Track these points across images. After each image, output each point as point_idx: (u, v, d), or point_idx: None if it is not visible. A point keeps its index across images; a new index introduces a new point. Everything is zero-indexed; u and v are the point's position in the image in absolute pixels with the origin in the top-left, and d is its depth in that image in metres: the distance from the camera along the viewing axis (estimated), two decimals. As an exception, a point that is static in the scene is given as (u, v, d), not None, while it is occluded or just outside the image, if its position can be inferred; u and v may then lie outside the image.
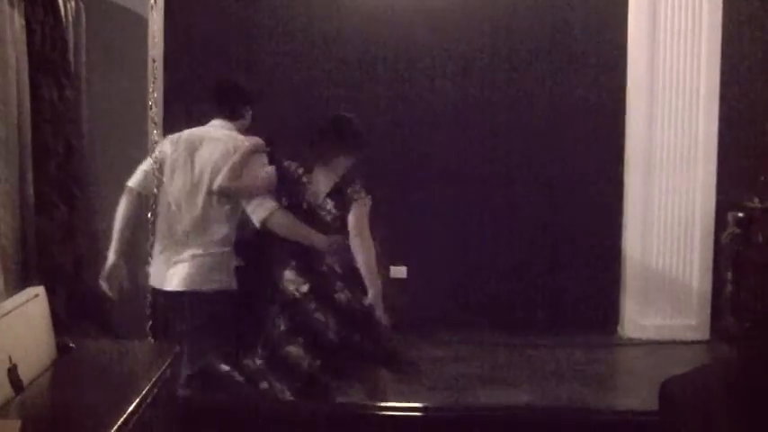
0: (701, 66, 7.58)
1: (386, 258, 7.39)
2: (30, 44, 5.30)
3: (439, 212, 7.71)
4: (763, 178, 7.43)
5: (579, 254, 7.90)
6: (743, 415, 2.21)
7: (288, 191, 4.81)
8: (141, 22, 6.67)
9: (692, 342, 7.56)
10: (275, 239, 4.82)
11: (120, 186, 6.18)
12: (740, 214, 7.46)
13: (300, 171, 4.81)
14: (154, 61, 6.18)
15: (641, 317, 7.79)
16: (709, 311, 7.70)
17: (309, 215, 4.77)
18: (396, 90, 7.73)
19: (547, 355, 7.31)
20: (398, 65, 7.79)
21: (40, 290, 2.06)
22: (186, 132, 5.15)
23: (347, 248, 4.66)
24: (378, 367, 4.79)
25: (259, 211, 4.76)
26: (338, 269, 4.71)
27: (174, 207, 5.04)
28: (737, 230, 7.46)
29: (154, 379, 1.94)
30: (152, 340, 4.96)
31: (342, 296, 4.68)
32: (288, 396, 4.36)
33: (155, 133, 5.94)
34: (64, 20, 5.64)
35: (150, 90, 5.89)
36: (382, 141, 7.58)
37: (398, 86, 7.75)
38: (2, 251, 5.15)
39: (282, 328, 4.66)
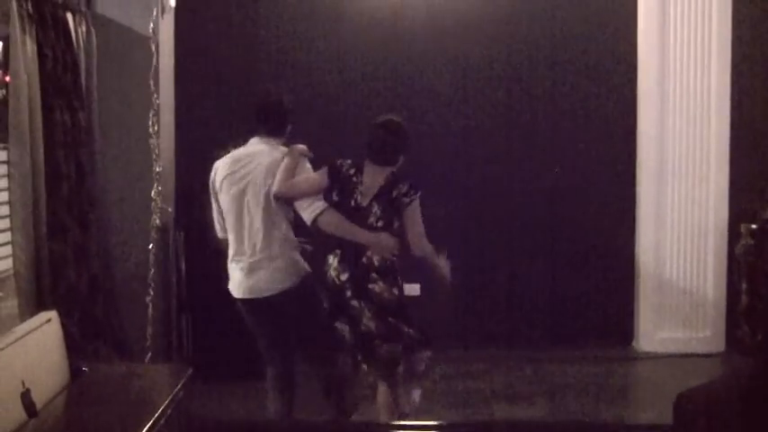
0: (711, 73, 7.55)
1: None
2: (42, 68, 5.34)
3: (449, 227, 7.69)
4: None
5: (593, 267, 7.88)
6: (758, 426, 2.21)
7: (339, 189, 5.12)
8: (149, 44, 6.72)
9: (708, 354, 7.53)
10: None
11: (132, 206, 6.25)
12: (753, 225, 7.43)
13: (352, 171, 5.13)
14: (155, 93, 6.26)
15: (656, 330, 7.76)
16: (724, 323, 7.67)
17: (357, 214, 5.08)
18: (402, 101, 7.71)
19: (561, 369, 7.29)
20: (403, 74, 7.78)
21: (53, 314, 2.08)
22: (232, 152, 5.41)
23: (391, 246, 5.08)
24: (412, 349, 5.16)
25: (309, 210, 5.08)
26: (376, 262, 5.05)
27: (233, 220, 5.30)
28: (751, 241, 7.43)
29: (167, 400, 1.94)
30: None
31: (375, 287, 5.04)
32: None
33: (157, 163, 6.01)
34: (75, 43, 5.67)
35: (150, 123, 5.97)
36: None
37: (403, 98, 7.73)
38: (16, 275, 5.18)
39: (326, 306, 5.16)
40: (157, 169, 6.45)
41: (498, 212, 7.81)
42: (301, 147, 5.28)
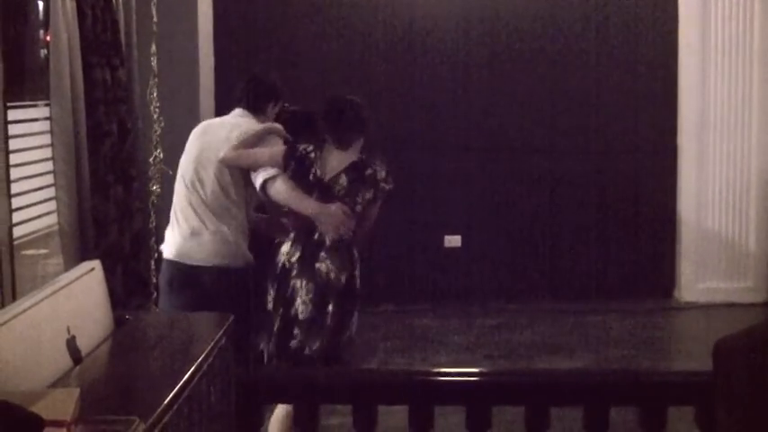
0: (754, 24, 7.46)
1: (440, 228, 7.52)
2: (81, 26, 5.38)
3: (492, 182, 7.70)
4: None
5: (634, 219, 7.86)
6: None
7: (295, 167, 4.71)
8: (190, 3, 6.75)
9: (750, 304, 7.49)
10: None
11: (173, 166, 6.26)
12: (796, 174, 7.37)
13: (310, 148, 4.73)
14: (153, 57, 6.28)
15: (698, 280, 7.73)
16: (766, 273, 7.62)
17: (317, 188, 4.67)
18: (440, 54, 7.70)
19: (603, 321, 7.30)
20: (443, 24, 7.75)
21: (96, 263, 2.11)
22: (211, 119, 5.35)
23: (340, 219, 4.61)
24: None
25: (261, 175, 4.69)
26: (327, 241, 4.61)
27: (186, 184, 4.92)
28: (793, 191, 7.38)
29: (208, 348, 1.98)
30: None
31: (321, 266, 4.60)
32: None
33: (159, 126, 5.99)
34: (114, 1, 5.71)
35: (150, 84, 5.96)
36: (431, 110, 7.61)
37: (443, 49, 7.72)
38: (61, 231, 5.26)
39: (271, 295, 4.69)
40: (158, 132, 6.39)
41: (541, 167, 7.77)
42: (277, 126, 4.97)
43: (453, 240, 7.64)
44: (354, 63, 7.59)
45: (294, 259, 4.62)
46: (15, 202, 4.77)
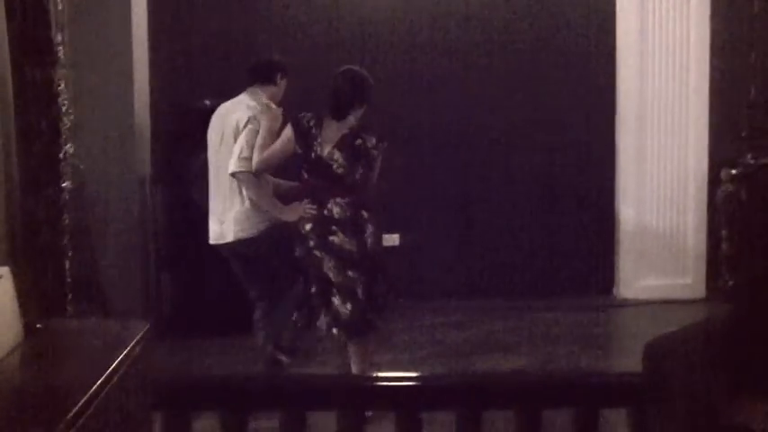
0: (690, 21, 7.53)
1: (379, 226, 7.45)
2: (10, 24, 5.26)
3: (431, 177, 7.67)
4: (744, 133, 7.40)
5: (573, 215, 7.89)
6: (731, 373, 2.17)
7: (300, 142, 5.07)
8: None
9: (689, 301, 7.54)
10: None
11: (107, 162, 6.19)
12: (733, 171, 7.41)
13: (312, 122, 5.07)
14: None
15: (637, 277, 7.79)
16: (705, 270, 7.68)
17: (319, 166, 5.04)
18: (393, 53, 7.66)
19: (543, 318, 7.31)
20: (397, 27, 7.70)
21: (4, 270, 2.04)
22: (223, 104, 5.67)
23: (321, 220, 5.06)
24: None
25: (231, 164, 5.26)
26: (336, 215, 5.03)
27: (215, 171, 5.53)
28: (731, 188, 7.42)
29: (120, 358, 1.92)
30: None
31: (335, 239, 5.02)
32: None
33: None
34: (44, -2, 5.59)
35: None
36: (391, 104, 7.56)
37: (394, 48, 7.68)
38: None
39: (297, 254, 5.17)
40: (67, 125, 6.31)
41: (477, 165, 7.77)
42: (274, 111, 5.39)
43: (391, 239, 7.59)
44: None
45: (308, 228, 5.08)
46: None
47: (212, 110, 6.56)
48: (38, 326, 2.12)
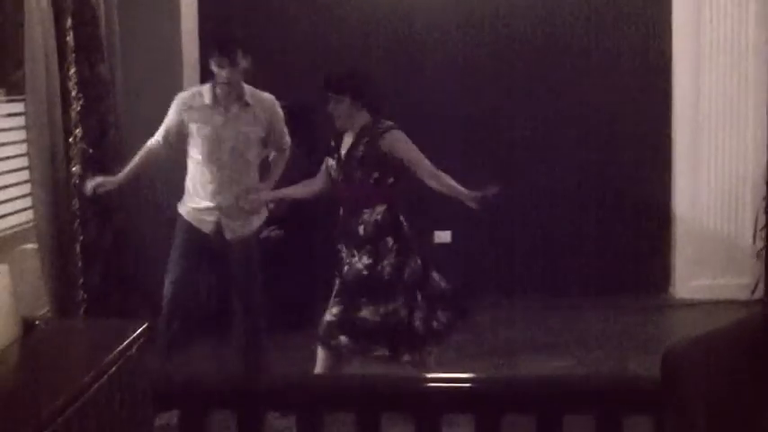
0: (749, 15, 7.35)
1: (430, 223, 7.41)
2: (58, 21, 5.33)
3: (482, 177, 7.59)
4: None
5: (629, 215, 7.77)
6: (759, 384, 2.03)
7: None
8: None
9: (746, 301, 7.39)
10: None
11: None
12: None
13: (333, 144, 5.07)
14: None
15: (693, 277, 7.65)
16: (762, 269, 7.52)
17: (342, 170, 5.00)
18: (435, 44, 7.61)
19: (597, 318, 7.20)
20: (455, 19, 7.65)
21: (2, 268, 2.06)
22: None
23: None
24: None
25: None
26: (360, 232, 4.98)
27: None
28: (788, 188, 7.27)
29: (108, 358, 1.92)
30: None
31: (359, 229, 4.97)
32: None
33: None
34: (93, -5, 5.66)
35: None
36: (421, 102, 7.51)
37: (437, 38, 7.63)
38: (37, 228, 5.22)
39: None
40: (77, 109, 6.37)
41: (531, 163, 7.69)
42: None
43: (443, 236, 7.56)
44: (346, 49, 7.48)
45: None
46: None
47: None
48: (37, 323, 2.14)
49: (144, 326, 2.04)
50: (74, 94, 5.44)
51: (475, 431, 2.57)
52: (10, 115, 5.34)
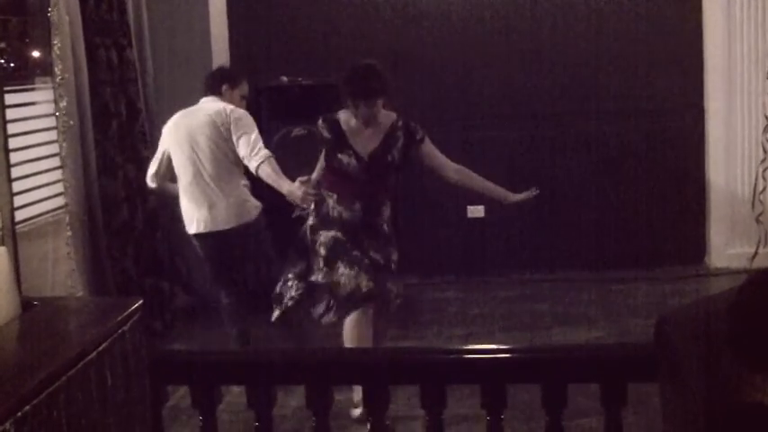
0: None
1: (463, 198, 7.43)
2: (84, 7, 5.41)
3: (514, 150, 7.60)
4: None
5: (663, 185, 7.71)
6: (746, 350, 2.04)
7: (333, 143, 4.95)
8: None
9: (782, 269, 7.31)
10: None
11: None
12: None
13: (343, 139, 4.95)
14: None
15: (729, 246, 7.60)
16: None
17: (359, 165, 4.89)
18: (462, 26, 7.61)
19: (631, 289, 7.18)
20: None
21: (2, 250, 2.12)
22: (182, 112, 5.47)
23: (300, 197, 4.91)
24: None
25: (253, 160, 5.16)
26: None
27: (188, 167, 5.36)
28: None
29: (100, 333, 1.97)
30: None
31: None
32: None
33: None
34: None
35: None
36: (458, 81, 7.52)
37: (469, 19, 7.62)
38: (69, 212, 5.31)
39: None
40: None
41: (563, 136, 7.67)
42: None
43: (476, 211, 7.57)
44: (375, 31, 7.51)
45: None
46: (18, 186, 4.81)
47: (289, 87, 6.71)
48: (35, 303, 2.20)
49: (138, 303, 2.08)
50: (102, 78, 5.50)
51: (481, 401, 2.61)
52: (38, 103, 5.43)
